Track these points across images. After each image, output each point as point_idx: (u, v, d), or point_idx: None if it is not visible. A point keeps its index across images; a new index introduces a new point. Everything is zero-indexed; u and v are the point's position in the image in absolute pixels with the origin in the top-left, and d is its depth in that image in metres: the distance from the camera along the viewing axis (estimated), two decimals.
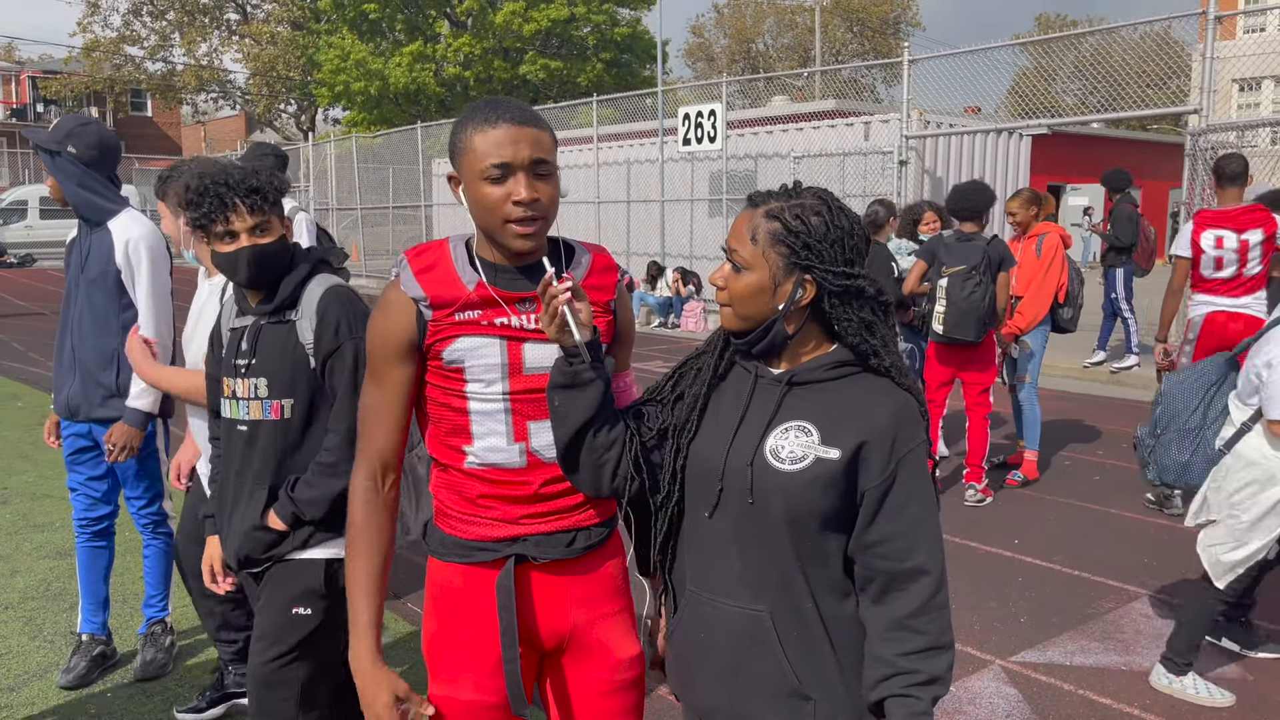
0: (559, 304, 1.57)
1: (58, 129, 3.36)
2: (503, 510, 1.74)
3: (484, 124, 1.64)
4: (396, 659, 3.71)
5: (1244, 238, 5.23)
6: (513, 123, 1.63)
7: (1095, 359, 10.18)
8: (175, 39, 39.32)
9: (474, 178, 1.64)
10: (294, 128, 41.07)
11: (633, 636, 1.87)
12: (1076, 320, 6.35)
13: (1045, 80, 11.50)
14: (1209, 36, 8.73)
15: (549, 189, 1.66)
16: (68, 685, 3.47)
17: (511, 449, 1.72)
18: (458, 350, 1.69)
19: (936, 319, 5.61)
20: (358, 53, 31.18)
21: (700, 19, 61.06)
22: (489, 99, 1.70)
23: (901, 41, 17.72)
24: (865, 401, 1.57)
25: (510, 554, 1.74)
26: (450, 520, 1.78)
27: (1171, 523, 5.44)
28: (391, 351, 1.71)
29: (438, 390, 1.73)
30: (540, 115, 1.69)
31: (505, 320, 1.69)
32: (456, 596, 1.77)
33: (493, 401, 1.71)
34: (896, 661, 1.52)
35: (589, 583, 1.81)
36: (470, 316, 1.68)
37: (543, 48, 32.07)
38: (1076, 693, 3.53)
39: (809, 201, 1.59)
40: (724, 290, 1.62)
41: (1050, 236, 6.10)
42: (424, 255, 1.72)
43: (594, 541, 1.79)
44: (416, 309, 1.69)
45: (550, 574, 1.77)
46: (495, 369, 1.69)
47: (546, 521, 1.75)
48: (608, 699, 1.82)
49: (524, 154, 1.63)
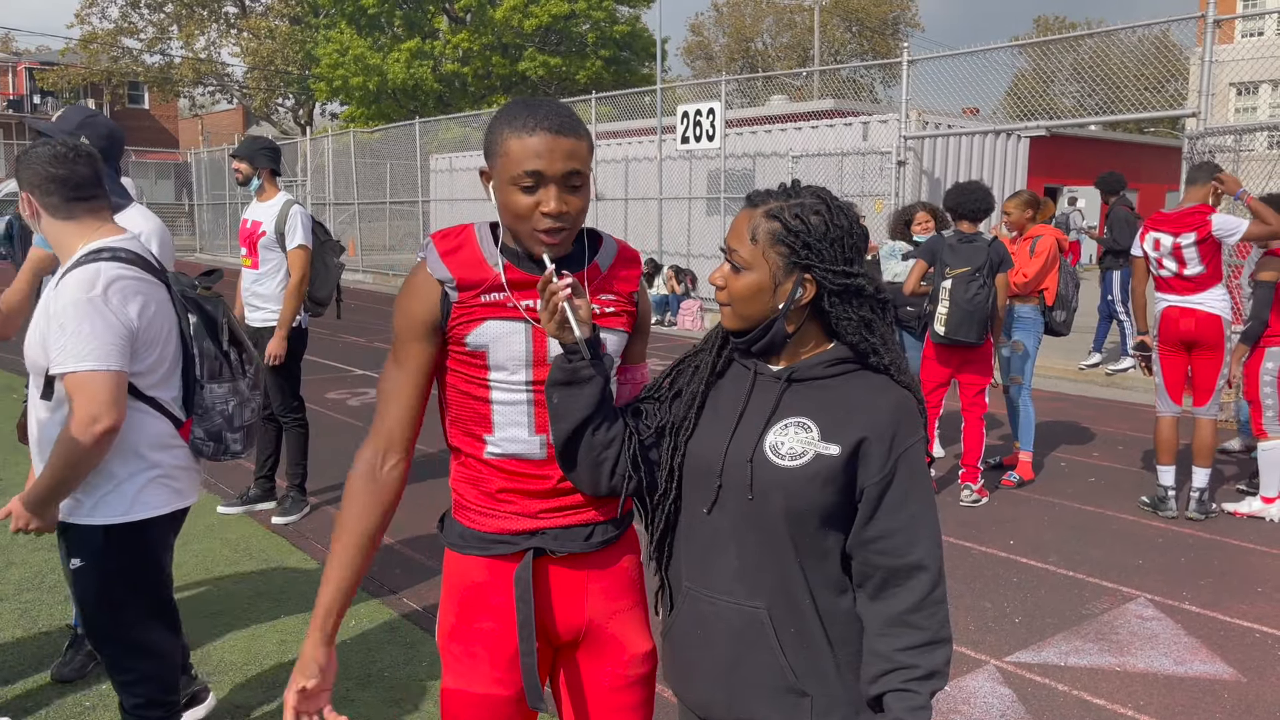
0: (559, 300, 1.57)
1: (67, 119, 3.33)
2: (521, 504, 1.75)
3: (521, 129, 1.61)
4: (376, 648, 3.72)
5: (1177, 240, 5.38)
6: (550, 131, 1.60)
7: (1091, 361, 10.21)
8: (173, 32, 39.24)
9: (506, 181, 1.63)
10: (291, 122, 41.00)
11: (646, 632, 1.88)
12: (1069, 323, 6.37)
13: (1043, 82, 11.52)
14: (1207, 40, 8.74)
15: (579, 200, 1.65)
16: (63, 678, 3.47)
17: (533, 440, 1.72)
18: (483, 335, 1.68)
19: (939, 320, 5.60)
20: (356, 48, 31.14)
21: (699, 17, 60.98)
22: (526, 99, 1.67)
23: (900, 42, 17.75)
24: (865, 398, 1.58)
25: (529, 547, 1.75)
26: (469, 513, 1.78)
27: (1166, 524, 5.45)
28: (414, 332, 1.71)
29: (459, 377, 1.73)
30: (579, 121, 1.66)
31: (531, 304, 1.69)
32: (475, 590, 1.78)
33: (515, 391, 1.71)
34: (895, 656, 1.53)
35: (605, 577, 1.82)
36: (496, 299, 1.68)
37: (542, 44, 32.05)
38: (1071, 693, 3.54)
39: (808, 201, 1.60)
40: (724, 290, 1.63)
41: (1045, 238, 6.12)
42: (450, 238, 1.72)
43: (611, 536, 1.80)
44: (442, 290, 1.69)
45: (567, 567, 1.78)
46: (519, 357, 1.69)
47: (565, 515, 1.76)
48: (620, 694, 1.83)
49: (558, 166, 1.60)
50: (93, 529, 2.41)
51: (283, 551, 4.86)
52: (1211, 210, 5.38)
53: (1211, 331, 5.37)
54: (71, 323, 2.28)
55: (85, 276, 2.34)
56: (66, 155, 2.44)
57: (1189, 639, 4.00)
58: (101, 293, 2.32)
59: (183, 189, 36.44)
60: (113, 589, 2.45)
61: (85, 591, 2.45)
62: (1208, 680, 3.64)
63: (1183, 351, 5.49)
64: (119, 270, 2.39)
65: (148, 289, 2.44)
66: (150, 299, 2.45)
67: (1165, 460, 5.58)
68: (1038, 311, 6.19)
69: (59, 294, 2.33)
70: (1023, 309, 6.17)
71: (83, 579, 2.44)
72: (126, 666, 2.51)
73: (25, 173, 2.45)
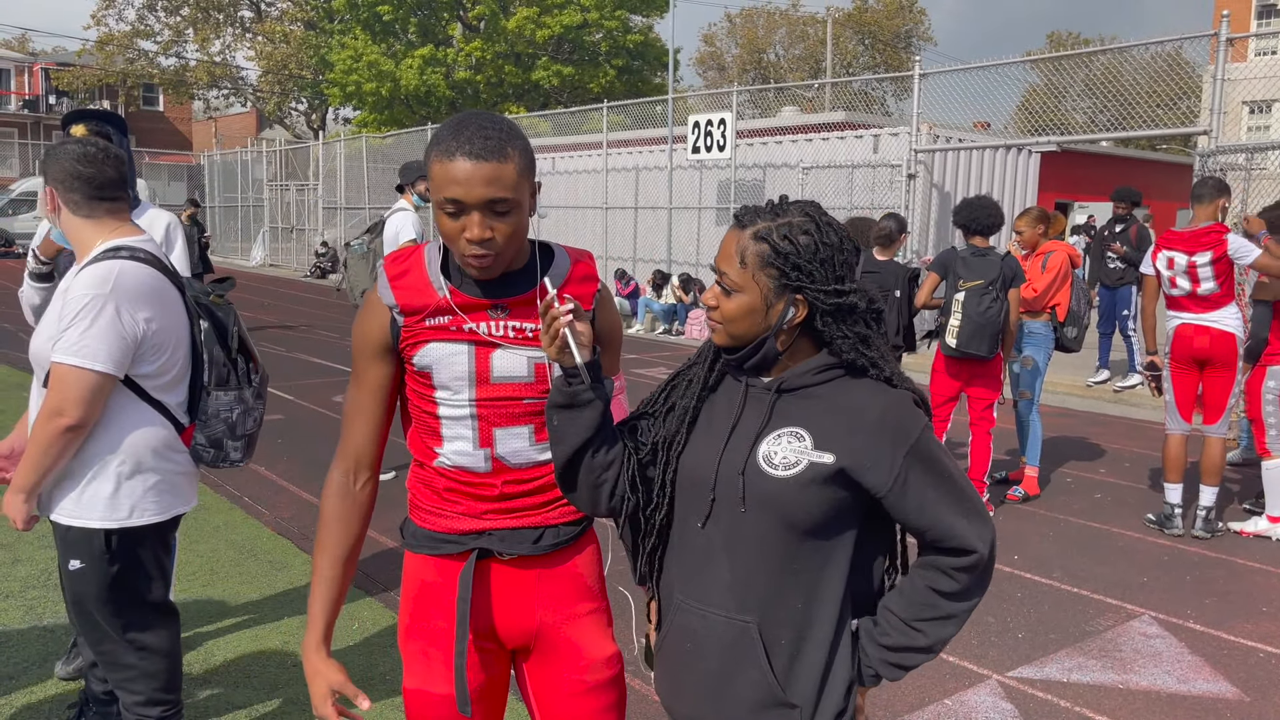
0: (560, 325, 1.57)
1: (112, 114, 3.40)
2: (467, 505, 1.78)
3: (444, 153, 1.59)
4: (379, 651, 3.72)
5: (1193, 259, 5.37)
6: (470, 157, 1.57)
7: (1099, 377, 10.18)
8: (189, 35, 39.46)
9: (435, 204, 1.64)
10: (305, 126, 41.18)
11: (607, 636, 1.88)
12: (1081, 340, 6.35)
13: (1055, 97, 11.52)
14: (1220, 58, 8.74)
15: (506, 226, 1.62)
16: (67, 676, 3.48)
17: (477, 454, 1.76)
18: (427, 357, 1.72)
19: (950, 332, 5.58)
20: (370, 54, 31.27)
21: (712, 28, 61.10)
22: (460, 117, 1.64)
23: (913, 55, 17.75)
24: (855, 403, 1.57)
25: (475, 547, 1.77)
26: (421, 513, 1.83)
27: (1172, 542, 5.43)
28: (368, 352, 1.77)
29: (413, 393, 1.78)
30: (508, 140, 1.60)
31: (474, 327, 1.71)
32: (427, 589, 1.81)
33: (459, 408, 1.74)
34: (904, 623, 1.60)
35: (557, 580, 1.83)
36: (440, 322, 1.71)
37: (555, 53, 32.15)
38: (1073, 709, 3.53)
39: (796, 220, 1.58)
40: (715, 310, 1.62)
41: (1057, 254, 6.11)
42: (399, 262, 1.76)
43: (562, 540, 1.81)
44: (390, 315, 1.73)
45: (516, 569, 1.80)
46: (462, 378, 1.73)
47: (511, 518, 1.78)
48: (582, 699, 1.83)
49: (477, 193, 1.58)
50: (93, 532, 2.42)
51: (287, 553, 4.87)
52: (1226, 230, 5.37)
53: (1225, 349, 5.36)
54: (76, 316, 2.31)
55: (100, 273, 2.36)
56: (95, 156, 2.49)
57: (1192, 657, 3.98)
58: (111, 292, 2.34)
59: (195, 191, 36.62)
60: (112, 591, 2.46)
61: (84, 593, 2.46)
62: (1211, 699, 3.63)
63: (1194, 369, 5.48)
64: (135, 269, 2.40)
65: (161, 291, 2.46)
66: (163, 301, 2.46)
67: (1173, 478, 5.56)
68: (1049, 327, 6.18)
69: (73, 288, 2.36)
70: (1034, 324, 6.17)
71: (82, 581, 2.45)
72: (125, 664, 2.52)
73: (52, 167, 2.50)
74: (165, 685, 2.59)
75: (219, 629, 3.97)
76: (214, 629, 3.96)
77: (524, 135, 1.67)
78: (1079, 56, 11.86)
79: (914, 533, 1.59)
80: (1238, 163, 9.17)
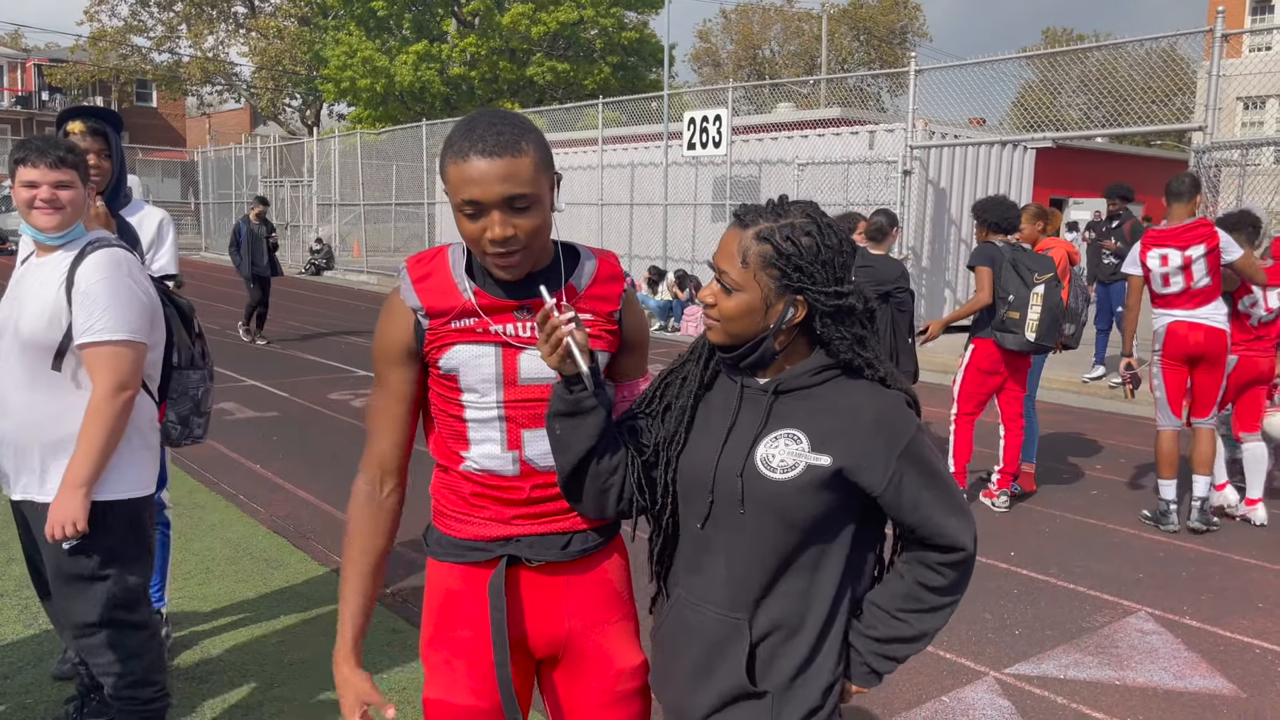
0: (561, 334, 1.55)
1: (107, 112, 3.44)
2: (495, 510, 1.74)
3: (457, 155, 1.57)
4: (397, 658, 3.71)
5: (1186, 254, 5.38)
6: (484, 155, 1.54)
7: (1094, 374, 10.20)
8: (182, 31, 39.36)
9: (454, 207, 1.61)
10: (299, 122, 41.08)
11: (635, 645, 1.84)
12: (1078, 337, 6.35)
13: (1050, 94, 11.53)
14: (1215, 54, 8.75)
15: (527, 222, 1.59)
16: (62, 675, 3.46)
17: (505, 456, 1.72)
18: (453, 359, 1.69)
19: (1029, 326, 5.54)
20: (364, 50, 31.21)
21: (707, 24, 61.16)
22: (471, 116, 1.62)
23: (908, 51, 17.75)
24: (851, 404, 1.59)
25: (503, 554, 1.73)
26: (447, 520, 1.78)
27: (1167, 538, 5.44)
28: (391, 357, 1.73)
29: (438, 397, 1.75)
30: (522, 135, 1.58)
31: (501, 328, 1.68)
32: (453, 598, 1.77)
33: (487, 410, 1.71)
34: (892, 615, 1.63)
35: (586, 587, 1.79)
36: (466, 324, 1.68)
37: (550, 49, 32.10)
38: (1070, 706, 3.53)
39: (798, 221, 1.58)
40: (714, 308, 1.62)
41: (1056, 250, 6.11)
42: (422, 264, 1.73)
43: (590, 545, 1.77)
44: (415, 318, 1.70)
45: (544, 576, 1.76)
46: (490, 379, 1.69)
47: (540, 523, 1.75)
48: (608, 710, 1.80)
49: (494, 192, 1.55)
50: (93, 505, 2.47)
51: (282, 551, 4.86)
52: (1212, 223, 5.40)
53: (1217, 345, 5.38)
54: (104, 297, 2.43)
55: (109, 257, 2.50)
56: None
57: (1189, 653, 3.99)
58: (128, 271, 2.51)
59: (189, 188, 36.53)
60: (106, 565, 2.51)
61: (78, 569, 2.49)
62: (1207, 695, 3.63)
63: (1184, 365, 5.50)
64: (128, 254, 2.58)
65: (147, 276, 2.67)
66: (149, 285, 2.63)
67: (1167, 474, 5.57)
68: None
69: (86, 273, 2.46)
70: None
71: (76, 556, 2.48)
72: (118, 643, 2.56)
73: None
74: (154, 665, 2.64)
75: (214, 627, 3.95)
76: (209, 627, 3.95)
77: (537, 129, 1.63)
78: (1074, 53, 11.86)
79: (904, 529, 1.61)
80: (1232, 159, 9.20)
